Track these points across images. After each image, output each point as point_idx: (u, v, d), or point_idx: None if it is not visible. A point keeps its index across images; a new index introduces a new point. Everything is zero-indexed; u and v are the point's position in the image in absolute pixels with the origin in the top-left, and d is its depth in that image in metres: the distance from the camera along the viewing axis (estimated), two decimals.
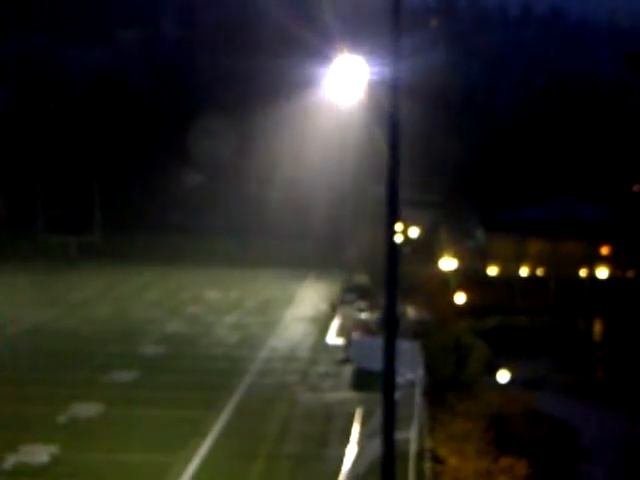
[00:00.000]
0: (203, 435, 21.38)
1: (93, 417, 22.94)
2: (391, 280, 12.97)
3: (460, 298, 46.54)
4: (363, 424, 22.01)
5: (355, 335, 32.95)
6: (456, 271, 50.83)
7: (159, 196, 67.20)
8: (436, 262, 51.67)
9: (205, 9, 73.18)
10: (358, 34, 38.98)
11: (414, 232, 64.40)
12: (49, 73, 68.97)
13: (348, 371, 28.70)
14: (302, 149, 60.68)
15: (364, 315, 38.09)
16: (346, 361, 29.95)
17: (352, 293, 43.20)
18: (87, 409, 23.48)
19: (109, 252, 58.97)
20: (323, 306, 42.63)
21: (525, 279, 60.26)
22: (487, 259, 61.70)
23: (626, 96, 79.98)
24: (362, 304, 40.44)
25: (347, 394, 26.01)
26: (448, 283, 49.61)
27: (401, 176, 13.27)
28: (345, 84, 31.69)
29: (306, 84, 47.50)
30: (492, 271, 61.24)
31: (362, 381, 26.66)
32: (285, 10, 67.83)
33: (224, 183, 66.59)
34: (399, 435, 15.17)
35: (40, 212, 61.08)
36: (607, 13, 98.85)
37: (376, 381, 14.56)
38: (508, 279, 58.31)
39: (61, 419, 22.59)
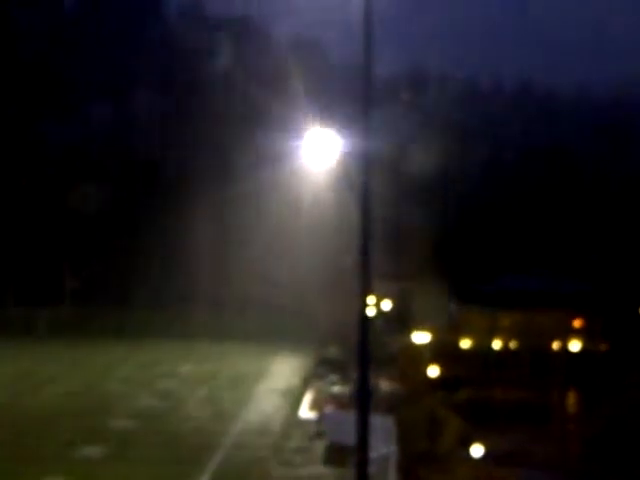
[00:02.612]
0: None
1: None
2: (363, 353, 12.86)
3: (433, 371, 46.39)
4: None
5: (328, 409, 32.67)
6: (429, 344, 50.77)
7: (129, 268, 66.85)
8: (409, 335, 51.60)
9: (177, 83, 73.56)
10: (330, 106, 39.26)
11: (387, 305, 64.34)
12: (22, 146, 68.96)
13: (321, 445, 28.36)
14: (274, 221, 60.79)
15: (337, 389, 37.83)
16: (319, 435, 29.61)
17: (324, 366, 42.96)
18: None
19: (79, 325, 58.49)
20: (295, 380, 42.30)
21: (498, 352, 60.25)
22: (460, 331, 61.71)
23: (596, 167, 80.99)
24: (334, 377, 40.20)
25: (320, 469, 25.66)
26: (421, 356, 49.51)
27: (373, 247, 13.25)
28: (317, 157, 31.80)
29: (277, 157, 47.70)
30: (465, 344, 61.19)
31: (335, 456, 26.33)
32: (257, 83, 68.36)
33: (194, 255, 66.39)
34: None
35: (9, 285, 60.60)
36: (576, 85, 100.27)
37: (349, 456, 14.38)
38: (481, 351, 58.27)
39: None
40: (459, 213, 75.64)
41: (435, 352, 50.54)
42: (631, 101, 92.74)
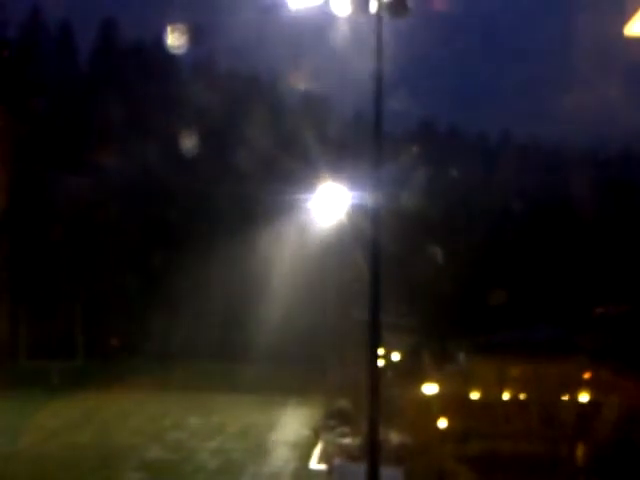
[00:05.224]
0: None
1: None
2: (373, 405, 13.08)
3: (443, 423, 46.36)
4: None
5: (338, 461, 32.67)
6: (438, 395, 50.72)
7: (141, 321, 67.16)
8: (418, 386, 51.56)
9: (186, 136, 74.28)
10: (340, 161, 39.77)
11: (396, 356, 64.34)
12: (35, 198, 69.57)
13: None
14: (284, 272, 61.07)
15: (346, 440, 37.82)
16: None
17: (334, 418, 42.94)
18: None
19: (91, 377, 58.60)
20: (305, 431, 42.31)
21: (508, 403, 60.13)
22: (469, 383, 61.62)
23: (600, 222, 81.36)
24: (344, 429, 40.17)
25: None
26: (431, 407, 49.44)
27: (383, 299, 13.52)
28: (327, 210, 32.21)
29: (288, 210, 48.16)
30: (475, 395, 61.11)
31: None
32: (268, 138, 69.07)
33: (203, 305, 66.68)
34: None
35: (21, 337, 60.85)
36: (585, 139, 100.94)
37: None
38: (491, 403, 58.16)
39: None
40: (467, 264, 75.90)
41: (444, 404, 50.47)
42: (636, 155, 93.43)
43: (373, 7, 16.95)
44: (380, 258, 14.19)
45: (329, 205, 30.72)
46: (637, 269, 71.83)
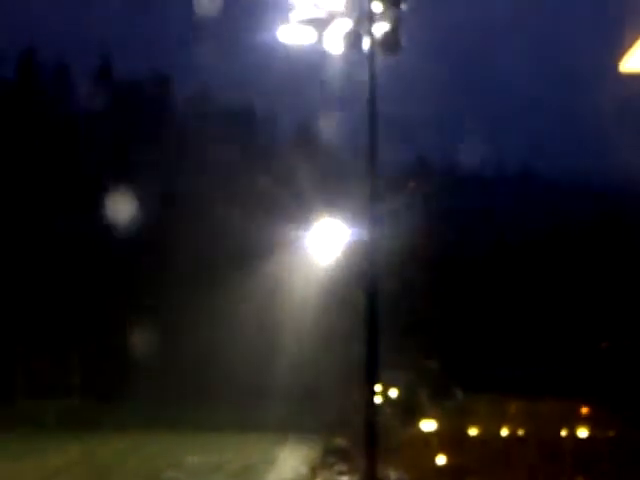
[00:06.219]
0: None
1: None
2: (371, 442, 13.00)
3: (441, 459, 46.01)
4: None
5: None
6: (436, 432, 50.40)
7: (136, 360, 66.86)
8: (416, 423, 51.26)
9: (184, 173, 74.46)
10: (337, 197, 39.81)
11: (394, 392, 64.05)
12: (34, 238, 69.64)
13: None
14: (281, 309, 60.95)
15: (345, 478, 37.57)
16: None
17: (332, 455, 42.70)
18: None
19: (89, 417, 58.28)
20: (303, 469, 42.06)
21: (506, 439, 59.82)
22: (467, 419, 61.33)
23: (595, 255, 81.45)
24: (342, 467, 39.94)
25: None
26: (429, 444, 49.13)
27: (380, 335, 13.46)
28: (324, 246, 32.18)
29: (285, 246, 48.14)
30: (473, 431, 60.81)
31: None
32: (264, 173, 69.19)
33: (200, 346, 66.49)
34: None
35: (18, 376, 60.63)
36: (580, 173, 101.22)
37: None
38: (489, 439, 57.82)
39: None
40: (465, 299, 75.85)
41: (443, 440, 50.14)
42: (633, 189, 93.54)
43: (366, 44, 17.05)
44: (377, 293, 14.15)
45: (326, 241, 30.68)
46: (634, 303, 71.72)
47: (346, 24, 17.07)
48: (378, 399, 27.24)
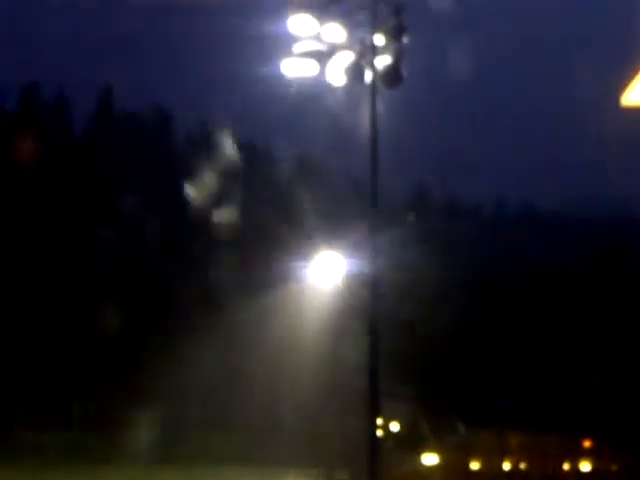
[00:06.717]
0: None
1: None
2: (373, 475, 12.90)
3: None
4: None
5: None
6: (438, 466, 50.14)
7: (136, 390, 66.62)
8: (418, 456, 50.99)
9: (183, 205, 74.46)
10: (336, 229, 39.81)
11: (395, 426, 63.72)
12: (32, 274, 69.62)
13: None
14: (280, 341, 60.79)
15: None
16: None
17: None
18: None
19: (87, 450, 57.99)
20: None
21: (508, 473, 59.49)
22: (469, 453, 61.02)
23: (595, 288, 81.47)
24: None
25: None
26: (430, 478, 48.86)
27: (380, 367, 13.39)
28: (324, 278, 32.15)
29: (285, 278, 48.06)
30: (475, 465, 60.48)
31: None
32: (263, 205, 69.28)
33: (198, 378, 66.24)
34: None
35: (16, 409, 60.39)
36: (578, 205, 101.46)
37: None
38: (491, 473, 57.49)
39: None
40: (464, 332, 75.75)
41: (445, 474, 49.88)
42: (632, 221, 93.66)
43: (368, 77, 17.07)
44: (377, 325, 14.08)
45: (326, 273, 30.66)
46: (633, 337, 71.55)
47: (348, 57, 17.11)
48: (379, 432, 27.10)
